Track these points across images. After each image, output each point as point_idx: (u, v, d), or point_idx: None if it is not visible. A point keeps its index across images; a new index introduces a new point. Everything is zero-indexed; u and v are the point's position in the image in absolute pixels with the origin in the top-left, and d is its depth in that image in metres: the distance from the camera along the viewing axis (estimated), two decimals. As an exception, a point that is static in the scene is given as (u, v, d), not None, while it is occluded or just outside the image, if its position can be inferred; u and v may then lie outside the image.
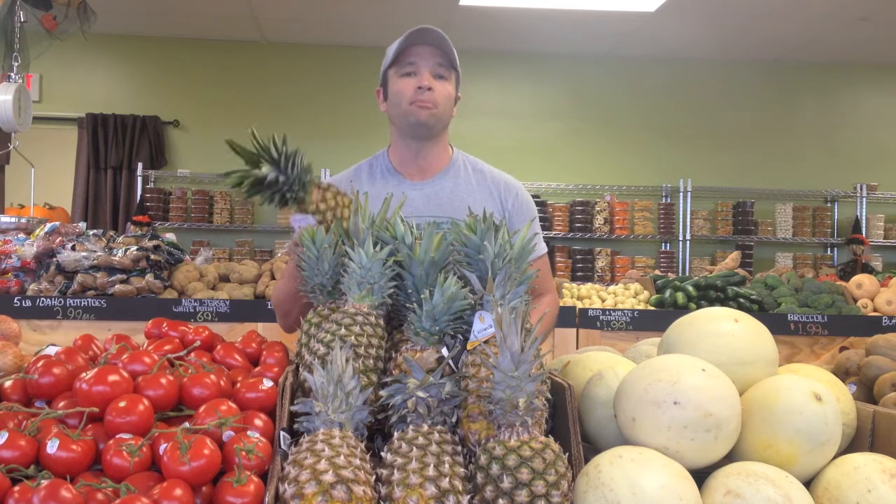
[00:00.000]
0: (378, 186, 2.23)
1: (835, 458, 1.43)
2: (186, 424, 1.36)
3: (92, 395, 1.38)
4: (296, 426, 1.36)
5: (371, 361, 1.47)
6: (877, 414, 1.54)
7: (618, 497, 1.25)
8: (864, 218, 7.78)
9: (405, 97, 2.15)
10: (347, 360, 1.35)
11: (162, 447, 1.30)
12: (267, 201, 1.70)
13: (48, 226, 3.83)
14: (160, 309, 3.49)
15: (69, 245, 3.61)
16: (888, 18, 6.70)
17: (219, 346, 1.73)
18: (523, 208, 2.30)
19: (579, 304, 4.32)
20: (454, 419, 1.40)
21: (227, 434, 1.35)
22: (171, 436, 1.30)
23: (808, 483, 1.40)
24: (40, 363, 1.48)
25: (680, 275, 5.89)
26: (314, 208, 1.76)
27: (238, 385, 1.52)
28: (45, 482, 1.17)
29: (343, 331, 1.48)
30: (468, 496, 1.25)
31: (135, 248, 3.61)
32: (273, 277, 3.95)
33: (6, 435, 1.28)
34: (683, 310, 3.91)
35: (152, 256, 3.66)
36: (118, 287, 3.53)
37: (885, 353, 1.95)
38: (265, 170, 1.65)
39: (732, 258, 5.33)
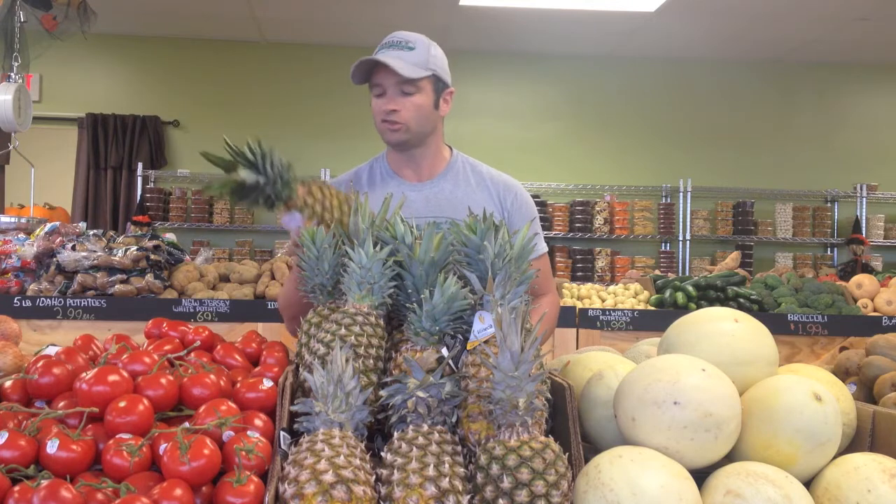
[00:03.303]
0: (378, 189, 2.25)
1: (835, 458, 1.43)
2: (186, 424, 1.36)
3: (92, 395, 1.38)
4: (296, 426, 1.36)
5: (371, 361, 1.47)
6: (877, 414, 1.54)
7: (618, 497, 1.25)
8: (864, 218, 7.77)
9: (378, 116, 2.20)
10: (347, 360, 1.35)
11: (162, 447, 1.30)
12: (252, 205, 1.73)
13: (48, 226, 3.82)
14: (160, 309, 3.48)
15: (69, 245, 3.60)
16: (888, 18, 6.69)
17: (219, 346, 1.73)
18: (523, 208, 2.31)
19: (579, 304, 4.32)
20: (454, 419, 1.40)
21: (227, 434, 1.35)
22: (171, 436, 1.30)
23: (808, 483, 1.40)
24: (40, 363, 1.48)
25: (680, 275, 5.88)
26: (301, 203, 1.76)
27: (238, 385, 1.52)
28: (45, 482, 1.17)
29: (343, 331, 1.48)
30: (468, 496, 1.25)
31: (135, 248, 3.61)
32: (273, 277, 3.95)
33: (6, 435, 1.28)
34: (683, 310, 3.91)
35: (152, 256, 3.66)
36: (118, 287, 3.53)
37: (885, 353, 1.95)
38: (243, 174, 1.68)
39: (732, 258, 5.33)
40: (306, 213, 1.76)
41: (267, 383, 1.50)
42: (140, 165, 7.37)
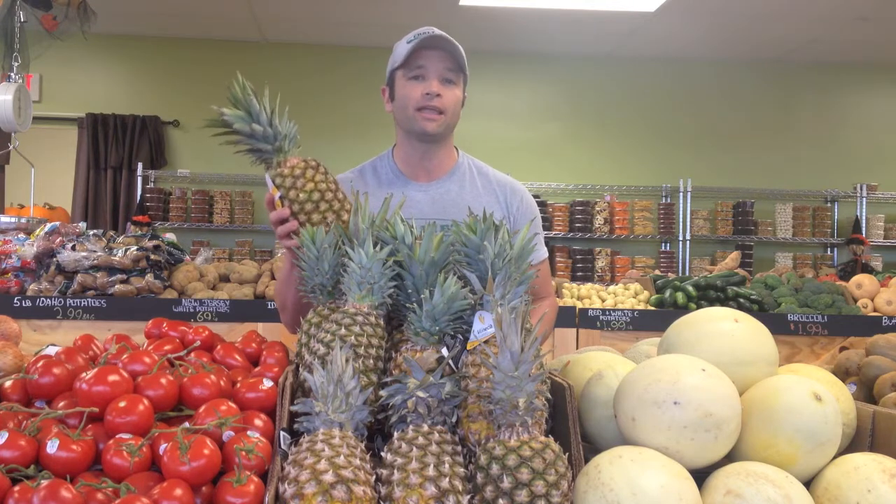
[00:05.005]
0: (384, 188, 2.21)
1: (835, 458, 1.43)
2: (186, 424, 1.36)
3: (92, 395, 1.38)
4: (296, 426, 1.36)
5: (371, 361, 1.47)
6: (877, 414, 1.54)
7: (618, 497, 1.25)
8: (864, 218, 7.78)
9: (413, 102, 2.12)
10: (347, 360, 1.35)
11: (162, 447, 1.30)
12: (247, 153, 1.81)
13: (48, 226, 3.82)
14: (160, 309, 3.48)
15: (69, 245, 3.60)
16: (888, 18, 6.69)
17: (219, 346, 1.73)
18: (528, 212, 2.30)
19: (579, 304, 4.32)
20: (454, 419, 1.40)
21: (227, 434, 1.34)
22: (171, 436, 1.30)
23: (808, 483, 1.40)
24: (40, 363, 1.48)
25: (680, 275, 5.88)
26: (277, 175, 1.78)
27: (238, 385, 1.52)
28: (45, 482, 1.17)
29: (343, 331, 1.48)
30: (468, 496, 1.25)
31: (135, 248, 3.61)
32: (273, 277, 3.95)
33: (6, 435, 1.28)
34: (683, 310, 3.91)
35: (152, 256, 3.66)
36: (118, 287, 3.53)
37: (885, 353, 1.95)
38: (233, 118, 1.76)
39: (732, 258, 5.33)
40: (281, 190, 1.78)
41: (267, 383, 1.50)
42: (140, 165, 7.38)
